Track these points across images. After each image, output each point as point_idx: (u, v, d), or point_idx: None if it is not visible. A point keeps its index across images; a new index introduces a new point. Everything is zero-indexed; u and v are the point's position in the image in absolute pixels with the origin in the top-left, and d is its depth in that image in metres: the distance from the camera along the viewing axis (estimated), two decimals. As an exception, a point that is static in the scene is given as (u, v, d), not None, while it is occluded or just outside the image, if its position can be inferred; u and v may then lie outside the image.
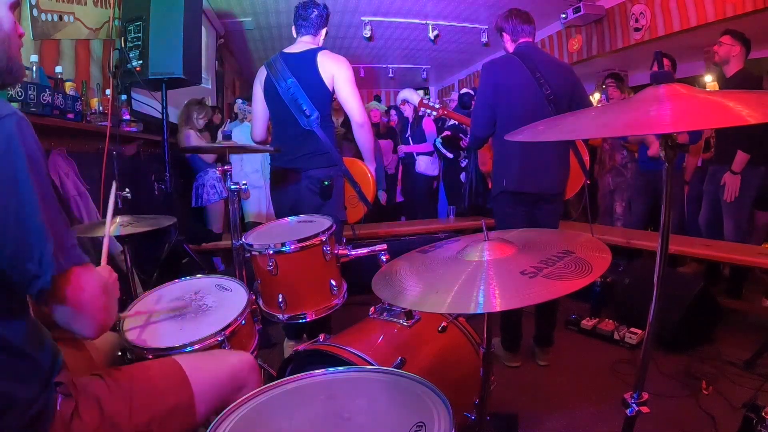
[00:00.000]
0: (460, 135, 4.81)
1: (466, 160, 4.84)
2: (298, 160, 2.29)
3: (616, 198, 4.32)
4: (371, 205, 2.53)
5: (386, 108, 6.11)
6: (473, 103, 4.63)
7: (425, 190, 5.21)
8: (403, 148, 5.08)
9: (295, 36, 2.39)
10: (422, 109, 2.96)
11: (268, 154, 2.90)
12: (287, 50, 2.34)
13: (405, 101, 4.86)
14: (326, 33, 2.43)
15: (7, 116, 0.77)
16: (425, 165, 5.01)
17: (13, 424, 0.81)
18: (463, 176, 4.83)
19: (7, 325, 0.83)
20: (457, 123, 4.73)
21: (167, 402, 1.01)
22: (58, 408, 0.88)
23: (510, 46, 2.37)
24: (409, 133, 5.08)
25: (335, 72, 2.25)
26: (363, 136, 2.39)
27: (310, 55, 2.26)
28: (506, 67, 2.29)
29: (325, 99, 2.29)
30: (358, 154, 2.58)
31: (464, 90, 5.04)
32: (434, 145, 4.95)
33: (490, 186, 4.49)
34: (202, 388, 1.06)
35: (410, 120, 5.17)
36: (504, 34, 2.37)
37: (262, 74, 2.37)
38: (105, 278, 0.97)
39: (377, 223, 4.29)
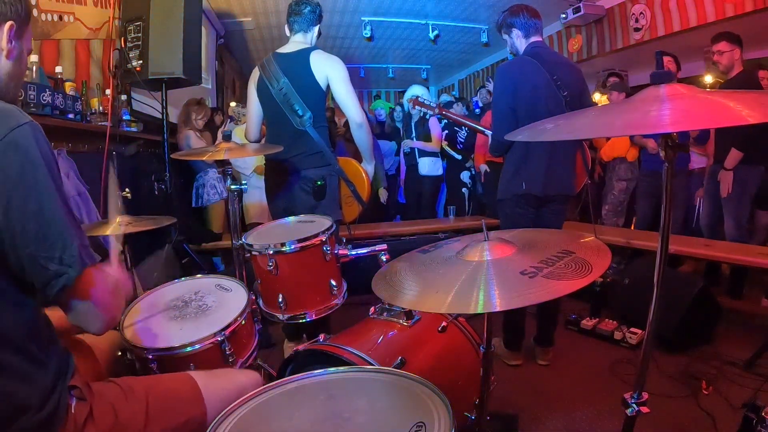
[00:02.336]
0: (456, 128, 4.82)
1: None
2: (291, 161, 2.29)
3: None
4: (366, 204, 2.53)
5: (392, 107, 6.08)
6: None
7: (431, 192, 5.11)
8: (408, 143, 5.02)
9: (288, 35, 2.38)
10: (417, 108, 2.94)
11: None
12: (279, 51, 2.33)
13: (418, 97, 4.82)
14: (319, 32, 2.41)
15: (24, 124, 0.81)
16: (429, 166, 4.97)
17: (26, 425, 0.82)
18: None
19: (24, 332, 0.85)
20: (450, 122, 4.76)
21: (182, 415, 1.02)
22: (72, 411, 0.88)
23: (520, 43, 2.31)
24: (414, 132, 5.02)
25: (330, 72, 2.25)
26: (362, 135, 2.38)
27: (303, 55, 2.25)
28: (524, 69, 2.24)
29: (318, 99, 2.29)
30: (356, 155, 2.58)
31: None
32: (443, 148, 4.95)
33: (482, 180, 4.54)
34: (214, 405, 1.07)
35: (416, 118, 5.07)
36: (514, 29, 2.31)
37: (255, 75, 2.37)
38: (114, 276, 0.99)
39: (376, 223, 4.29)
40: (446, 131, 4.96)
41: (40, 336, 0.88)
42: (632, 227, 4.23)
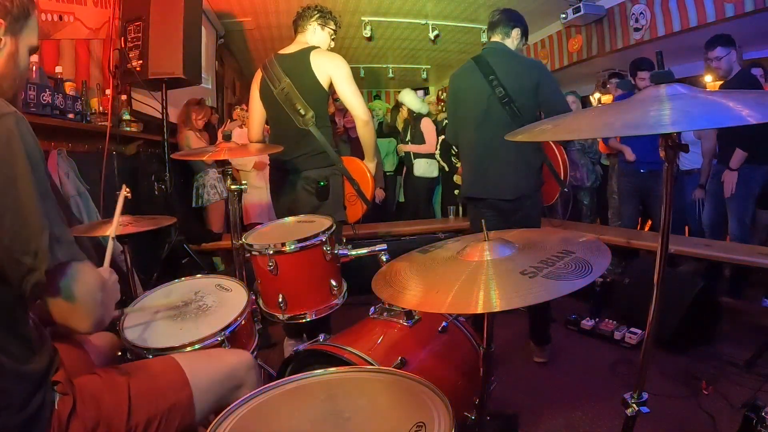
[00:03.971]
0: None
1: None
2: (295, 161, 2.29)
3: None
4: (370, 203, 2.53)
5: (390, 107, 6.12)
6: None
7: (425, 193, 5.15)
8: (403, 147, 5.08)
9: (296, 36, 2.39)
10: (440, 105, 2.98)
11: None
12: (281, 51, 2.34)
13: (401, 104, 4.90)
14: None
15: (6, 115, 0.79)
16: (423, 168, 4.99)
17: (9, 423, 0.82)
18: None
19: (8, 333, 0.84)
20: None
21: (166, 401, 1.02)
22: (56, 407, 0.88)
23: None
24: (408, 134, 5.06)
25: (332, 71, 2.24)
26: (367, 133, 2.38)
27: (304, 55, 2.25)
28: (462, 74, 2.37)
29: (320, 98, 2.28)
30: (354, 154, 2.58)
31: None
32: (435, 157, 4.98)
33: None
34: (201, 387, 1.06)
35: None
36: (487, 29, 2.41)
37: (258, 77, 2.38)
38: (104, 277, 0.97)
39: (376, 223, 4.29)
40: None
41: (25, 337, 0.88)
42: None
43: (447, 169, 4.99)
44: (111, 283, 1.07)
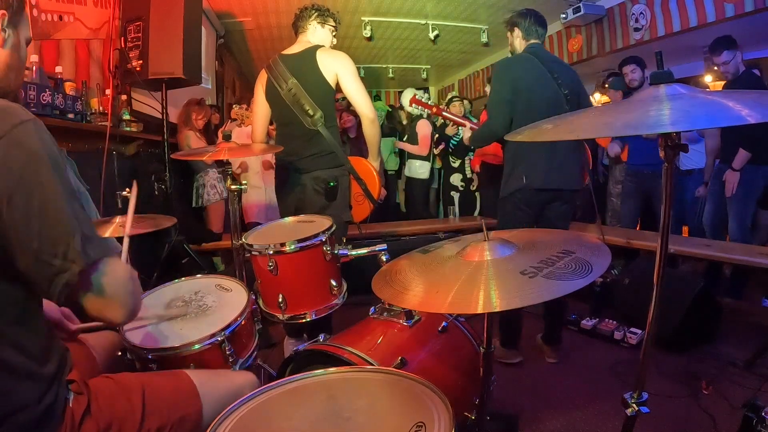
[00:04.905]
0: (442, 142, 4.80)
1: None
2: (303, 161, 2.29)
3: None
4: (377, 203, 2.53)
5: (389, 109, 6.15)
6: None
7: (421, 194, 5.20)
8: (398, 144, 5.20)
9: (299, 35, 2.39)
10: (413, 105, 2.92)
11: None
12: (285, 52, 2.34)
13: (415, 95, 4.89)
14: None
15: (27, 121, 0.81)
16: (415, 169, 5.00)
17: (23, 420, 0.82)
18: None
19: (24, 330, 0.85)
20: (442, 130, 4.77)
21: (178, 412, 1.02)
22: (69, 405, 0.89)
23: (519, 43, 2.36)
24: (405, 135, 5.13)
25: (339, 69, 2.25)
26: (373, 131, 2.37)
27: (309, 54, 2.25)
28: (525, 65, 2.27)
29: (328, 97, 2.28)
30: (354, 154, 2.57)
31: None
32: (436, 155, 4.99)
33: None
34: (210, 403, 1.07)
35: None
36: (516, 29, 2.35)
37: (262, 77, 2.37)
38: (130, 267, 0.98)
39: (380, 222, 4.30)
40: (438, 136, 4.95)
41: (39, 334, 0.88)
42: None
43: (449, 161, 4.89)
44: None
